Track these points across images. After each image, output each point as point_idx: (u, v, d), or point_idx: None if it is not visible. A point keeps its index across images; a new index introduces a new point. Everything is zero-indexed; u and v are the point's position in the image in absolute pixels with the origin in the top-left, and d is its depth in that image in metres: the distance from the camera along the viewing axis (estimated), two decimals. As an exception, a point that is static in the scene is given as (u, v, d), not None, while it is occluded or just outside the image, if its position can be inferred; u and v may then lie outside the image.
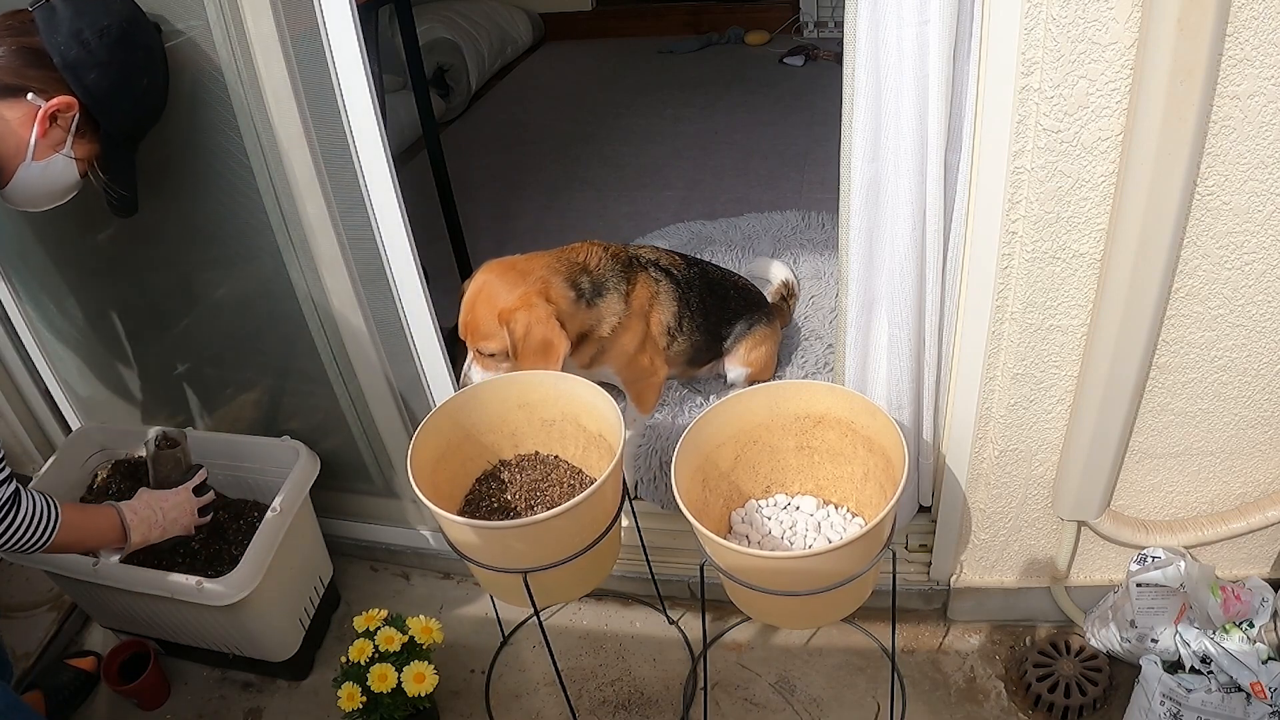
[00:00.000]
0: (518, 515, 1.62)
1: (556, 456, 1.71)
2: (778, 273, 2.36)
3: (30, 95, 1.32)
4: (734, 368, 2.04)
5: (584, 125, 3.98)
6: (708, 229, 2.83)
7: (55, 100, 1.33)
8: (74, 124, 1.36)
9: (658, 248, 1.97)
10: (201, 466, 1.72)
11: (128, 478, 1.93)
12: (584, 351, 1.76)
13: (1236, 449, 1.51)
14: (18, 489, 1.35)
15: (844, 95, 1.30)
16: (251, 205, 1.61)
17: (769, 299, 2.21)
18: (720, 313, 1.98)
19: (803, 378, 2.11)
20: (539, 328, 1.62)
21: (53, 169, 1.39)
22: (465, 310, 1.69)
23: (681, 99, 4.10)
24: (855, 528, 1.61)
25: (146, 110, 1.46)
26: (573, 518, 1.38)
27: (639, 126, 3.88)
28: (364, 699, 1.61)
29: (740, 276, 2.14)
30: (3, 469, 1.31)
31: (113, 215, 1.52)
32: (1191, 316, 1.35)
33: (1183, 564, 1.53)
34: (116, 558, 1.63)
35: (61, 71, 1.32)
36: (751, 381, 2.02)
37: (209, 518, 1.71)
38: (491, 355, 1.67)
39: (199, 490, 1.69)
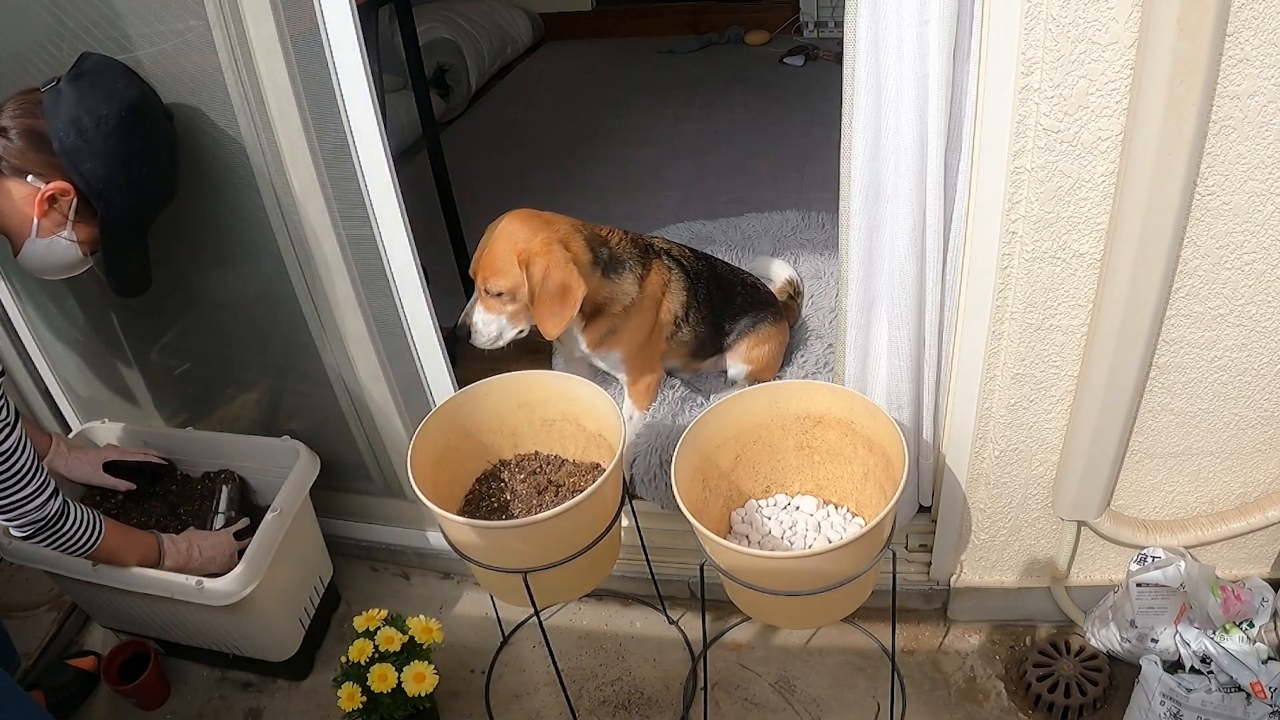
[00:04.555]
0: (517, 515, 1.62)
1: (556, 456, 1.72)
2: (780, 272, 2.35)
3: (30, 178, 1.36)
4: (735, 364, 2.04)
5: (584, 125, 3.97)
6: (708, 229, 2.83)
7: (52, 185, 1.36)
8: (72, 209, 1.39)
9: (668, 240, 1.97)
10: (247, 517, 1.82)
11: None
12: (597, 328, 1.77)
13: (1236, 449, 1.51)
14: (65, 502, 1.47)
15: (844, 95, 1.30)
16: (251, 205, 1.61)
17: (775, 298, 2.21)
18: (726, 307, 1.98)
19: (803, 378, 2.10)
20: (558, 271, 1.62)
21: (55, 248, 1.43)
22: (481, 247, 1.69)
23: (681, 99, 4.10)
24: (855, 528, 1.61)
25: (146, 197, 1.47)
26: (573, 518, 1.38)
27: (639, 126, 3.88)
28: (364, 699, 1.61)
29: (751, 275, 2.14)
30: (48, 484, 1.42)
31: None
32: (1191, 316, 1.35)
33: (1183, 564, 1.53)
34: None
35: (59, 158, 1.35)
36: (753, 380, 2.02)
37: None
38: (499, 295, 1.66)
39: (240, 535, 1.76)
